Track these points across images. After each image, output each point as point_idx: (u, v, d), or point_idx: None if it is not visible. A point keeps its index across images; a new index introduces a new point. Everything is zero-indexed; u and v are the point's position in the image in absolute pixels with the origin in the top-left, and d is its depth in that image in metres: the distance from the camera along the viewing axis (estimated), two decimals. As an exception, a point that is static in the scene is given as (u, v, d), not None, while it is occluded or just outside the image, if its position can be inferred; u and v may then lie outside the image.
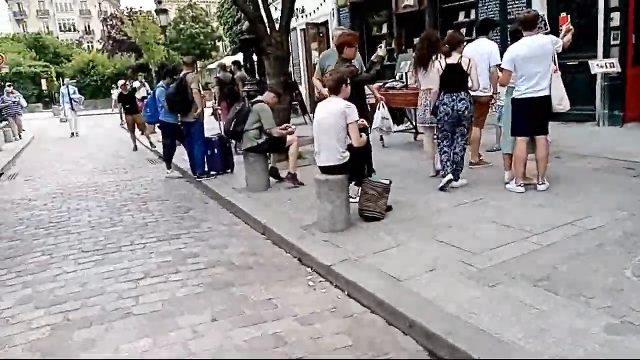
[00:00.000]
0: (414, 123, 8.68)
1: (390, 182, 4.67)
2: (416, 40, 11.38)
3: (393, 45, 11.91)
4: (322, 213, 4.41)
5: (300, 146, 6.71)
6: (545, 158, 4.88)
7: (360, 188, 4.70)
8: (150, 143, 11.65)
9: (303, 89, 15.21)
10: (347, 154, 4.41)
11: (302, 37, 15.43)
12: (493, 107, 6.84)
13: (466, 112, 5.15)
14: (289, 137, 6.19)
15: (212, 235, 4.98)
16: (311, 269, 3.83)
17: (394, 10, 11.58)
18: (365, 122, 4.79)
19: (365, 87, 5.67)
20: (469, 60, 5.18)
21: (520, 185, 4.95)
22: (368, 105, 5.67)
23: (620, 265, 3.07)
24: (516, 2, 9.20)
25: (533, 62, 4.61)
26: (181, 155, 8.05)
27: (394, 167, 6.38)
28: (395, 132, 8.79)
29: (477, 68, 5.42)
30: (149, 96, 9.73)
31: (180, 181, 7.89)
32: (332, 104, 4.42)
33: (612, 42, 7.82)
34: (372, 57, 5.18)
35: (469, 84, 5.18)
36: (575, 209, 4.25)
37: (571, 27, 4.88)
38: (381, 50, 5.11)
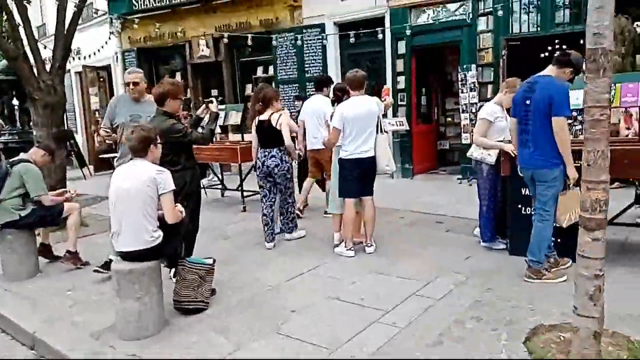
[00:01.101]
0: (219, 177, 7.94)
1: (214, 260, 3.77)
2: (215, 92, 11.17)
3: (189, 96, 11.09)
4: (123, 315, 3.23)
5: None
6: (373, 219, 4.72)
7: (175, 272, 3.71)
8: None
9: (79, 137, 13.08)
10: (160, 233, 3.36)
11: (77, 80, 13.44)
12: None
13: (276, 169, 4.98)
14: (66, 205, 4.73)
15: (-58, 365, 3.26)
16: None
17: (189, 59, 10.85)
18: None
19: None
20: (279, 117, 4.95)
21: (350, 249, 4.63)
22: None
23: (492, 348, 2.78)
24: (313, 62, 9.47)
25: (360, 122, 4.45)
26: None
27: (205, 233, 5.43)
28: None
29: (315, 122, 5.80)
30: None
31: None
32: (139, 169, 3.34)
33: (399, 103, 8.54)
34: (199, 112, 4.36)
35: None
36: (412, 274, 4.04)
37: (391, 99, 4.96)
38: (213, 106, 4.29)
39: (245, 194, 7.04)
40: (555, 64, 3.71)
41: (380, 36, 8.53)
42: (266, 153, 4.99)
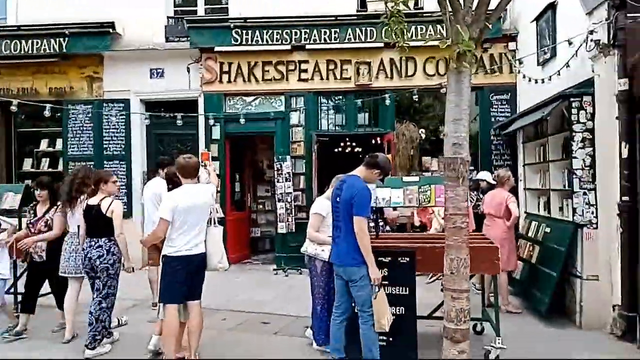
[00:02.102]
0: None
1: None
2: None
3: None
4: None
5: None
6: (200, 328, 4.09)
7: None
8: None
9: None
10: None
11: None
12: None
13: (99, 261, 4.42)
14: None
15: None
16: None
17: (-54, 123, 8.70)
18: None
19: None
20: (111, 202, 4.45)
21: None
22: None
23: None
24: (114, 139, 8.55)
25: (193, 215, 3.92)
26: None
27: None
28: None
29: (154, 207, 5.24)
30: None
31: None
32: None
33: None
34: None
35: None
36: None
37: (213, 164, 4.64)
38: None
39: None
40: (365, 165, 3.88)
41: (193, 119, 8.22)
42: (92, 243, 4.47)
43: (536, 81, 6.29)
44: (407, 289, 4.15)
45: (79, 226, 4.65)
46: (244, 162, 9.44)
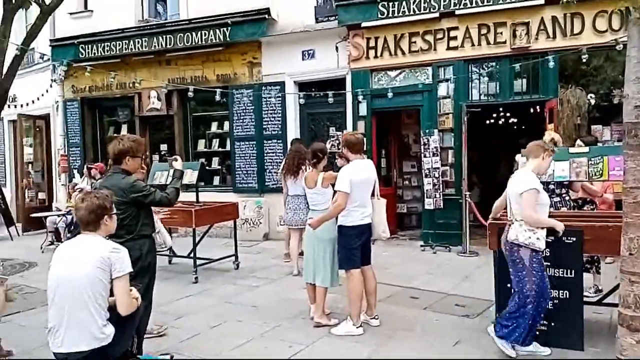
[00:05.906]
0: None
1: (172, 356, 3.17)
2: (164, 146, 10.58)
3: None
4: None
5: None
6: (376, 288, 4.52)
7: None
8: None
9: (8, 192, 11.85)
10: (111, 329, 2.74)
11: (10, 129, 12.42)
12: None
13: None
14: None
15: None
16: None
17: (138, 111, 10.26)
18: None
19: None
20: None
21: (359, 327, 4.30)
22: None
23: None
24: (272, 119, 9.20)
25: (365, 187, 4.28)
26: None
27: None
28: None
29: None
30: None
31: None
32: (88, 247, 2.76)
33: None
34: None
35: None
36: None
37: None
38: (177, 163, 4.06)
39: (198, 262, 6.39)
40: None
41: (341, 97, 8.44)
42: None
43: None
44: (573, 271, 3.78)
45: None
46: (390, 138, 9.43)
